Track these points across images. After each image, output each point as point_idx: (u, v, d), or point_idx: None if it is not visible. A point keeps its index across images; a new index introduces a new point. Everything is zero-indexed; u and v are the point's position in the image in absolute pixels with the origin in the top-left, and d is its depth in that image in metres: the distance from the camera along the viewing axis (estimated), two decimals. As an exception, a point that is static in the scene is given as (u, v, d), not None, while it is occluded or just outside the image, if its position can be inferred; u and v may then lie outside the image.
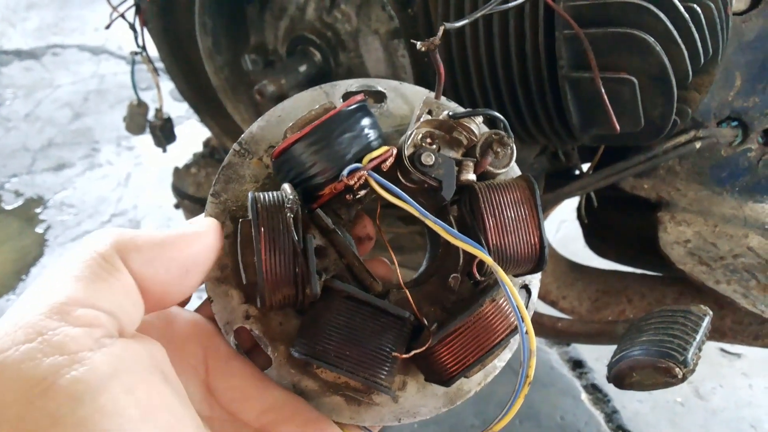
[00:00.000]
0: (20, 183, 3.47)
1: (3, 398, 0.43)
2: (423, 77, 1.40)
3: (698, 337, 1.02)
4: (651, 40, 1.00)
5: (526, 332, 0.60)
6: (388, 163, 0.67)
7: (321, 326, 0.65)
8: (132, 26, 1.86)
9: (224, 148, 2.11)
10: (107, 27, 1.85)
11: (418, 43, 0.69)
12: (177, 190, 2.11)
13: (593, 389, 2.39)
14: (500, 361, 0.74)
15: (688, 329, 1.03)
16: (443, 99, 0.75)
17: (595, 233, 1.74)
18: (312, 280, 0.63)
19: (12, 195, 3.38)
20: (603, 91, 1.02)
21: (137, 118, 2.05)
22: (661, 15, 1.00)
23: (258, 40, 1.76)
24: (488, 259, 0.61)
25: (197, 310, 0.73)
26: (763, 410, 2.30)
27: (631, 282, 1.59)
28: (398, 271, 0.71)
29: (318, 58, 1.56)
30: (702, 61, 1.08)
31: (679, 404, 2.32)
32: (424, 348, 0.66)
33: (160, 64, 1.98)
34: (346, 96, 0.78)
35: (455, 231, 0.63)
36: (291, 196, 0.64)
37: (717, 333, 1.42)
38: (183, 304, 0.73)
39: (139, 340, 0.53)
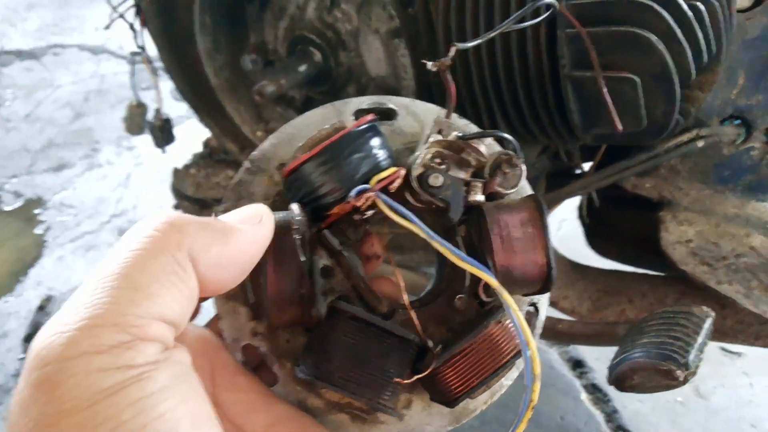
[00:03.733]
0: (20, 183, 3.46)
1: (63, 406, 0.44)
2: (423, 77, 1.39)
3: (700, 339, 1.01)
4: (654, 38, 0.99)
5: (531, 356, 0.59)
6: (397, 184, 0.67)
7: (326, 347, 0.65)
8: (132, 26, 1.85)
9: (224, 149, 2.10)
10: (107, 27, 1.84)
11: (429, 63, 0.69)
12: (176, 191, 2.10)
13: (593, 389, 2.38)
14: (507, 380, 0.74)
15: (689, 331, 1.02)
16: (454, 117, 0.75)
17: (596, 233, 1.73)
18: (317, 301, 0.64)
19: (11, 196, 3.37)
20: (605, 90, 1.02)
21: (136, 119, 2.05)
22: (664, 13, 0.99)
23: (258, 39, 1.75)
24: (494, 283, 0.61)
25: (206, 326, 0.74)
26: (764, 409, 2.29)
27: (632, 282, 1.59)
28: (405, 292, 0.72)
29: (318, 58, 1.55)
30: (705, 59, 1.07)
31: (680, 403, 2.31)
32: (427, 372, 0.66)
33: (159, 64, 1.97)
34: (357, 114, 0.78)
35: (462, 253, 0.62)
36: (299, 217, 0.65)
37: (718, 333, 1.41)
38: (192, 318, 0.73)
39: (180, 347, 0.54)
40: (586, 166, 1.51)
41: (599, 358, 2.48)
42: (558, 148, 1.48)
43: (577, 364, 2.48)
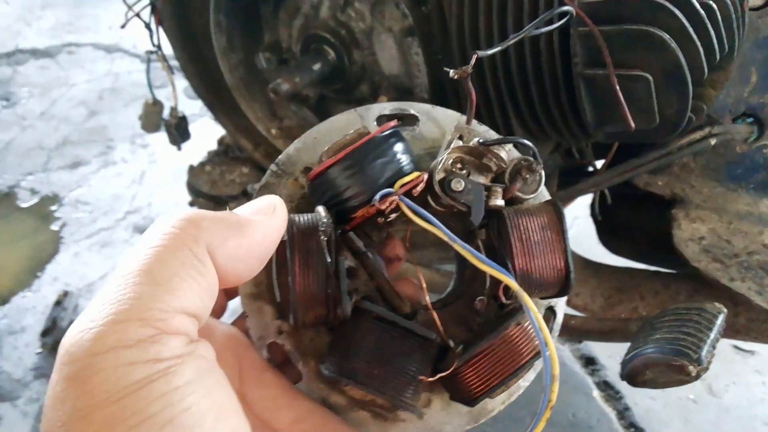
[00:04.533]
0: (36, 181, 3.50)
1: (94, 400, 0.46)
2: (436, 75, 1.40)
3: (712, 335, 1.01)
4: (666, 36, 1.00)
5: (550, 357, 0.61)
6: (419, 188, 0.69)
7: (350, 345, 0.67)
8: (147, 25, 1.87)
9: (238, 146, 2.12)
10: (123, 26, 1.86)
11: (451, 71, 0.71)
12: (191, 188, 2.12)
13: (605, 386, 2.38)
14: (525, 381, 0.76)
15: (702, 327, 1.03)
16: (474, 123, 0.76)
17: (608, 230, 1.73)
18: (343, 301, 0.65)
19: (28, 193, 3.41)
20: (618, 88, 1.02)
21: (152, 117, 2.07)
22: (677, 11, 0.99)
23: (272, 38, 1.77)
24: (514, 285, 0.62)
25: (233, 323, 0.76)
26: (777, 408, 2.29)
27: (645, 279, 1.59)
28: (426, 293, 0.73)
29: (332, 57, 1.57)
30: (717, 57, 1.07)
31: (692, 401, 2.31)
32: (449, 371, 0.67)
33: (174, 63, 1.99)
34: (380, 119, 0.80)
35: (482, 256, 0.63)
36: (325, 219, 0.66)
37: (731, 330, 1.41)
38: (219, 316, 0.76)
39: (204, 341, 0.56)
40: (599, 163, 1.51)
41: (611, 356, 2.47)
42: (570, 145, 1.48)
43: (589, 361, 2.48)
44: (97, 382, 0.46)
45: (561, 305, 0.79)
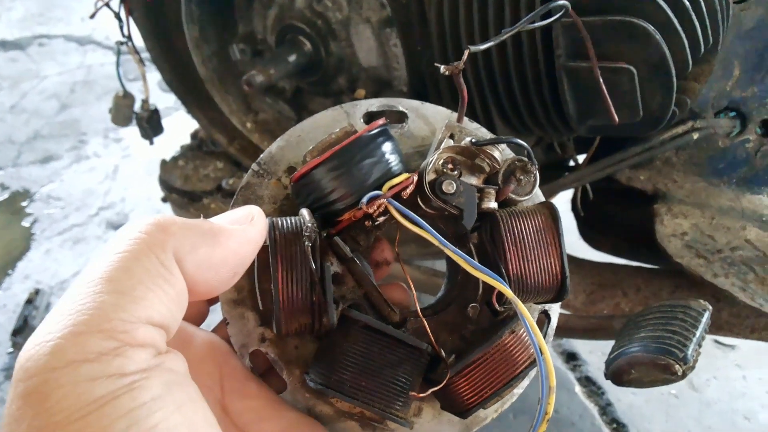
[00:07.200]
0: (6, 176, 3.42)
1: (52, 419, 0.43)
2: (415, 67, 1.37)
3: (698, 333, 1.00)
4: (651, 28, 0.98)
5: (546, 369, 0.58)
6: (409, 190, 0.66)
7: (337, 355, 0.64)
8: (117, 15, 1.81)
9: (212, 140, 2.07)
10: (92, 16, 1.80)
11: (442, 67, 0.68)
12: (164, 183, 2.07)
13: (587, 382, 2.38)
14: (518, 388, 0.73)
15: (687, 325, 1.01)
16: (465, 121, 0.74)
17: (590, 225, 1.72)
18: (329, 309, 0.63)
19: (-3, 188, 3.34)
20: (601, 80, 1.00)
21: (123, 110, 2.01)
22: (662, 2, 0.98)
23: (246, 29, 1.72)
24: (508, 292, 0.60)
25: (214, 330, 0.73)
26: (757, 402, 2.30)
27: (627, 275, 1.58)
28: (416, 300, 0.71)
29: (308, 48, 1.53)
30: (702, 50, 1.06)
31: (674, 396, 2.31)
32: (441, 385, 0.65)
33: (146, 54, 1.93)
34: (367, 116, 0.77)
35: (475, 262, 0.61)
36: (309, 224, 0.64)
37: (714, 326, 1.40)
38: (199, 323, 0.72)
39: (174, 353, 0.53)
40: (580, 158, 1.50)
41: (593, 351, 2.48)
42: (552, 139, 1.46)
43: (571, 357, 2.48)
44: (56, 400, 0.43)
45: (555, 309, 0.77)
